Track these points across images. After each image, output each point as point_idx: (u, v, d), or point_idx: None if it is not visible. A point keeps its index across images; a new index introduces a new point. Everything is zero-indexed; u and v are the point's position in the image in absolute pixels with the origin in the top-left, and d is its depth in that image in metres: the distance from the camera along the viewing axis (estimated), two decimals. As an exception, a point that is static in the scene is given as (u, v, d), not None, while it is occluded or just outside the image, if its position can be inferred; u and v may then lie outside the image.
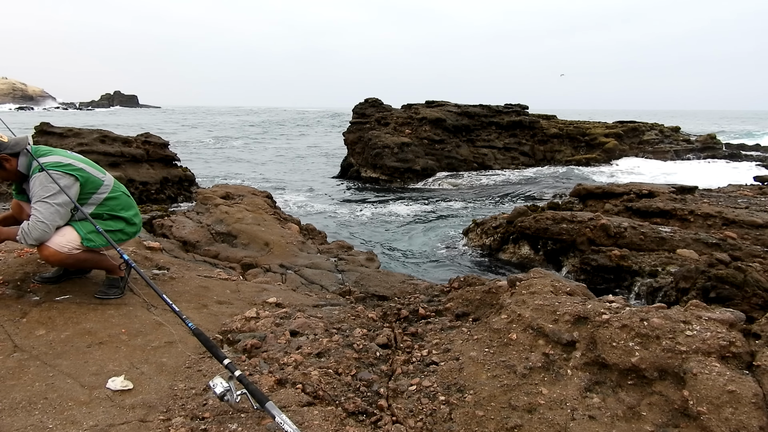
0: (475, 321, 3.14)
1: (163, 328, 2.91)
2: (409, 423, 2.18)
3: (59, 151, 3.08)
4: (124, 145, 10.87)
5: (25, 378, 2.35)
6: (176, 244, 5.84)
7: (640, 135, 25.74)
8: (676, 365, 2.11)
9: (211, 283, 3.88)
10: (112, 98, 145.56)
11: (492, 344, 2.66)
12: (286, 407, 2.19)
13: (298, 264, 5.48)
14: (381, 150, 20.54)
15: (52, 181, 2.82)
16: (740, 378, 1.99)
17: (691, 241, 6.06)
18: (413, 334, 3.15)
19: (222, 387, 2.00)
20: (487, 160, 22.20)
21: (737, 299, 4.74)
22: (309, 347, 2.78)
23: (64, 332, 2.78)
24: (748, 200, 7.88)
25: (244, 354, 2.76)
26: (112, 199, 3.14)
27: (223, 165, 27.06)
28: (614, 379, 2.22)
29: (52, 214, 2.83)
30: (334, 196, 19.30)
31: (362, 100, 26.77)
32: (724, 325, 2.27)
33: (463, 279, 3.99)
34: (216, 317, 3.24)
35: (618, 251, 6.19)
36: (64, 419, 2.08)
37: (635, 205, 7.53)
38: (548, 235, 7.19)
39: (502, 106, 24.62)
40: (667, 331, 2.23)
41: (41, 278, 3.30)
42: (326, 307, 3.60)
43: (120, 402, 2.22)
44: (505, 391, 2.27)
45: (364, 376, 2.55)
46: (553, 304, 2.67)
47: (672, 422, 1.99)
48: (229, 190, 8.16)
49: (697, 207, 6.99)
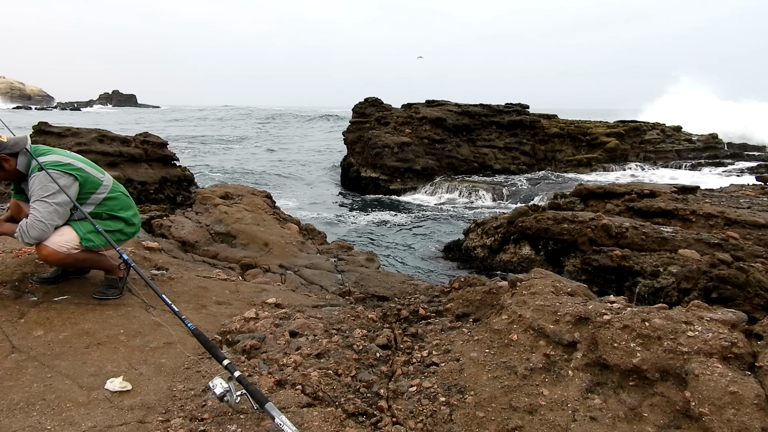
0: (475, 322, 3.13)
1: (162, 328, 2.90)
2: (410, 424, 2.17)
3: (58, 151, 3.07)
4: (122, 145, 10.83)
5: (23, 379, 2.34)
6: (175, 244, 5.82)
7: (642, 135, 25.70)
8: (677, 366, 2.09)
9: (210, 283, 3.87)
10: (110, 97, 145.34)
11: (493, 345, 2.64)
12: (285, 408, 2.18)
13: (297, 264, 5.46)
14: (381, 150, 20.54)
15: (52, 181, 2.81)
16: (742, 379, 1.98)
17: (693, 241, 6.04)
18: (413, 335, 3.14)
19: (221, 388, 1.99)
20: (488, 159, 22.19)
21: (739, 300, 4.72)
22: (309, 348, 2.76)
23: (62, 333, 2.77)
24: (750, 200, 7.86)
25: (244, 355, 2.75)
26: (111, 199, 3.13)
27: (222, 164, 27.06)
28: (615, 380, 2.21)
29: (50, 214, 2.82)
30: (333, 196, 19.29)
31: (362, 99, 26.77)
32: (726, 325, 2.25)
33: (463, 279, 3.98)
34: (215, 318, 3.22)
35: (619, 251, 6.18)
36: (63, 420, 2.07)
37: (637, 205, 7.51)
38: (549, 235, 7.18)
39: (502, 106, 24.60)
40: (669, 332, 2.22)
41: (39, 278, 3.29)
42: (326, 307, 3.59)
43: (118, 403, 2.21)
44: (505, 392, 2.26)
45: (364, 377, 2.54)
46: (554, 305, 2.65)
47: (674, 423, 1.97)
48: (228, 190, 8.16)
49: (699, 207, 6.97)
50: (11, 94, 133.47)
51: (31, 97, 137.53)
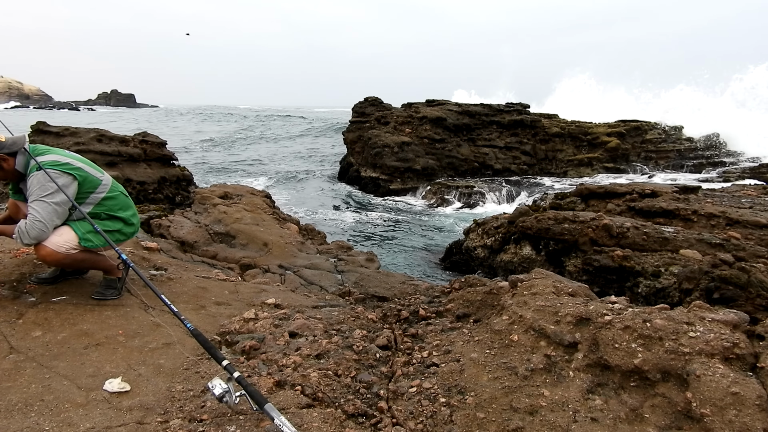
0: (476, 322, 3.11)
1: (161, 329, 2.89)
2: (410, 425, 2.16)
3: (57, 150, 3.06)
4: (121, 145, 10.78)
5: (21, 380, 2.33)
6: (174, 244, 5.81)
7: (643, 134, 25.65)
8: (679, 367, 2.08)
9: (210, 283, 3.86)
10: (109, 97, 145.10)
11: (493, 346, 2.63)
12: (285, 409, 2.17)
13: (297, 264, 5.45)
14: (381, 149, 20.52)
15: (50, 180, 2.80)
16: (744, 380, 1.97)
17: (694, 241, 6.01)
18: (413, 336, 3.12)
19: (221, 388, 1.98)
20: (488, 159, 22.15)
21: (741, 300, 4.70)
22: (308, 349, 2.75)
23: (60, 333, 2.76)
24: (752, 200, 7.83)
25: (243, 355, 2.74)
26: (109, 199, 3.12)
27: (221, 163, 27.04)
28: (617, 380, 2.20)
29: (49, 214, 2.80)
30: (333, 196, 19.27)
31: (362, 98, 26.75)
32: (727, 326, 2.24)
33: (463, 280, 3.96)
34: (214, 318, 3.21)
35: (620, 252, 6.16)
36: (61, 421, 2.06)
37: (638, 205, 7.48)
38: (550, 236, 7.16)
39: (503, 105, 24.58)
40: (670, 333, 2.21)
41: (38, 279, 3.28)
42: (326, 308, 3.58)
43: (117, 404, 2.20)
44: (506, 393, 2.25)
45: (364, 377, 2.53)
46: (554, 305, 2.64)
47: (675, 424, 1.96)
48: (228, 190, 8.15)
49: (700, 207, 6.94)
50: (9, 94, 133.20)
51: (29, 97, 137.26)
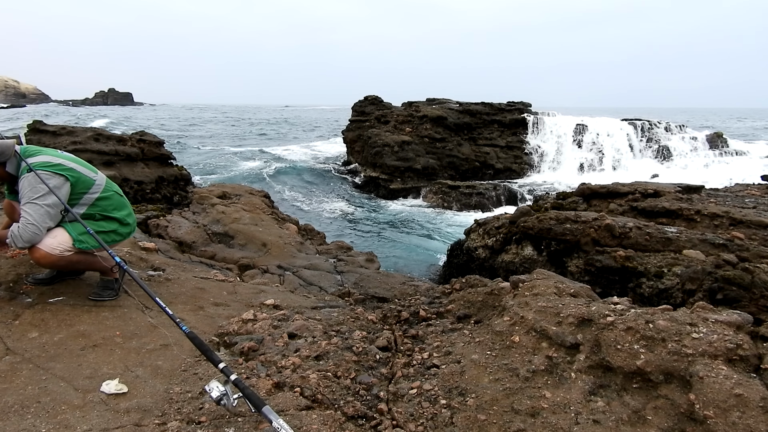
0: (477, 323, 3.09)
1: (159, 330, 2.87)
2: (410, 427, 2.13)
3: (49, 151, 3.02)
4: (118, 144, 10.74)
5: (17, 381, 2.31)
6: (172, 244, 5.79)
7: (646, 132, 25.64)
8: (682, 368, 2.06)
9: (208, 284, 3.84)
10: (106, 96, 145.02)
11: (494, 347, 2.61)
12: (283, 411, 2.15)
13: (296, 265, 5.43)
14: (381, 149, 20.49)
15: (41, 182, 2.76)
16: (747, 381, 1.94)
17: (697, 241, 5.98)
18: (414, 337, 3.10)
19: (218, 391, 1.96)
20: (489, 158, 22.14)
21: (744, 301, 4.67)
22: (307, 350, 2.73)
23: (57, 335, 2.74)
24: (756, 200, 7.79)
25: (242, 357, 2.72)
26: (104, 199, 3.09)
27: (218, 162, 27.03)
28: (619, 382, 2.18)
29: (41, 216, 2.77)
30: (333, 196, 19.26)
31: (362, 97, 26.74)
32: (731, 327, 2.22)
33: (464, 280, 3.94)
34: (212, 319, 3.19)
35: (623, 252, 6.12)
36: (58, 423, 2.04)
37: (640, 205, 7.45)
38: (552, 236, 7.12)
39: (504, 104, 24.56)
40: (673, 334, 2.18)
41: (34, 279, 3.26)
42: (325, 309, 3.55)
43: (114, 406, 2.18)
44: (507, 395, 2.23)
45: (364, 379, 2.51)
46: (556, 306, 2.62)
47: (678, 426, 1.94)
48: (226, 190, 8.13)
49: (703, 207, 6.90)
50: (5, 93, 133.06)
51: (25, 95, 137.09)
